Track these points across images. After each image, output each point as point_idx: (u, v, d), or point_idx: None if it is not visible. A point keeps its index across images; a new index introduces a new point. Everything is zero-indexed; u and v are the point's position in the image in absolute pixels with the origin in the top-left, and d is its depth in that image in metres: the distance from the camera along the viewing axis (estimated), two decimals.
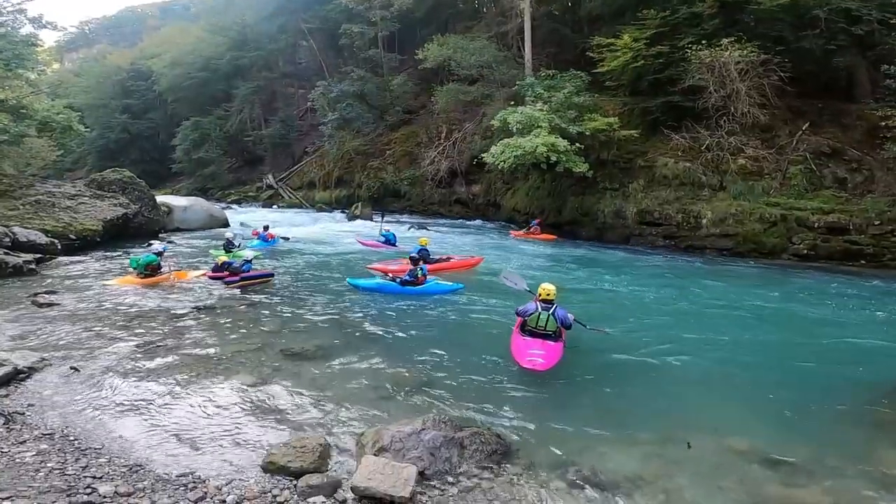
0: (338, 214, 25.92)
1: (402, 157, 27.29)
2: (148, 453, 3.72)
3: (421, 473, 3.53)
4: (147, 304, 7.89)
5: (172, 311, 7.54)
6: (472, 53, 22.96)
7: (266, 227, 15.07)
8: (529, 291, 6.55)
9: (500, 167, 17.24)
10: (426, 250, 10.74)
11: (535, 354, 5.44)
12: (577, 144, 15.98)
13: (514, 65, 23.15)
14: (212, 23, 41.39)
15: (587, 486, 3.55)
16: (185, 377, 5.16)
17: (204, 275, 9.89)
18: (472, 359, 5.85)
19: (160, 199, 18.50)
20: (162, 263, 9.63)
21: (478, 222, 22.24)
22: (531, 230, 17.13)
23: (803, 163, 14.04)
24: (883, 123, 12.88)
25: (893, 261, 12.16)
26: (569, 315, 5.85)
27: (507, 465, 3.77)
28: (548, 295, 5.84)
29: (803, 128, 14.56)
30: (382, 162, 27.89)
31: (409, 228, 19.71)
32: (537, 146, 15.52)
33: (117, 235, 14.11)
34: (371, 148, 28.91)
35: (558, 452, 3.95)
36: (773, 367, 6.01)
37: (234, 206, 31.22)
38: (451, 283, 8.68)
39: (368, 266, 10.64)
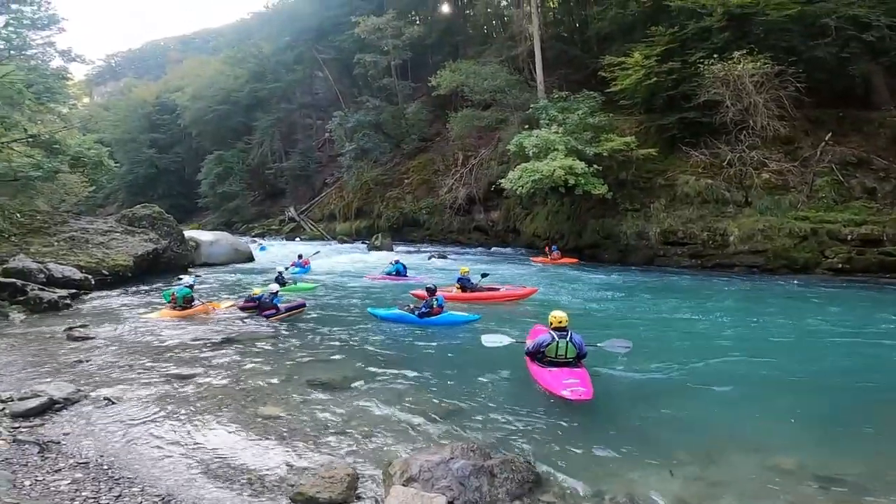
0: (359, 245, 26.63)
1: (419, 186, 28.03)
2: (180, 484, 3.86)
3: (450, 503, 3.54)
4: (180, 337, 8.31)
5: (204, 343, 7.91)
6: (484, 78, 23.72)
7: (300, 256, 17.43)
8: (517, 342, 6.62)
9: (517, 192, 17.62)
10: (467, 279, 10.95)
11: (573, 384, 5.40)
12: (595, 166, 16.25)
13: (526, 88, 23.80)
14: (230, 55, 42.82)
15: None
16: (216, 408, 5.36)
17: (233, 306, 10.48)
18: (494, 387, 5.96)
19: (187, 233, 19.10)
20: (194, 296, 10.33)
21: (498, 249, 22.52)
22: (552, 255, 17.36)
23: (829, 174, 13.97)
24: None
25: None
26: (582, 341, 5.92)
27: (540, 495, 3.72)
28: (560, 322, 5.85)
29: (826, 138, 14.53)
30: (401, 191, 28.68)
31: (430, 258, 20.19)
32: (554, 169, 15.84)
33: (147, 270, 14.73)
34: (389, 177, 29.79)
35: (591, 480, 3.90)
36: (815, 383, 5.97)
37: (258, 239, 32.31)
38: (467, 315, 8.92)
39: (412, 292, 11.02)
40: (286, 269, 14.72)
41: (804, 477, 3.84)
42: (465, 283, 10.96)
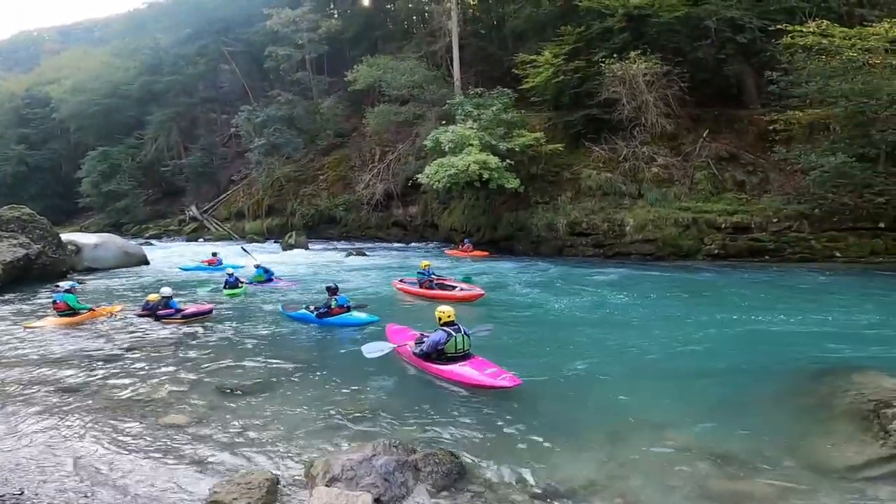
0: (270, 245, 26.24)
1: (335, 182, 28.25)
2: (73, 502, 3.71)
3: (377, 500, 3.63)
4: (67, 346, 7.99)
5: (96, 352, 7.67)
6: (402, 74, 24.59)
7: (215, 254, 17.75)
8: (397, 346, 6.76)
9: (434, 187, 18.62)
10: (424, 273, 11.17)
11: (498, 373, 5.79)
12: (508, 161, 17.59)
13: (444, 84, 25.01)
14: (120, 46, 41.14)
15: (546, 498, 3.80)
16: (111, 420, 5.22)
17: (124, 309, 10.34)
18: (408, 384, 6.30)
19: (66, 237, 18.20)
20: (80, 301, 10.01)
21: (416, 244, 23.39)
22: (464, 248, 18.52)
23: (707, 168, 16.41)
24: (771, 127, 15.42)
25: (793, 255, 14.37)
26: None
27: (465, 485, 3.91)
28: (449, 317, 6.20)
29: (703, 135, 17.01)
30: (316, 188, 28.70)
31: (348, 255, 20.52)
32: (469, 164, 16.95)
33: (19, 278, 13.93)
34: (303, 174, 29.67)
35: (514, 467, 4.19)
36: (704, 362, 6.73)
37: (154, 241, 30.64)
38: (365, 316, 8.98)
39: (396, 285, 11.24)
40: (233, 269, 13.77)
41: (699, 454, 4.33)
42: (420, 279, 11.25)
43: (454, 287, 10.98)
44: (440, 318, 6.32)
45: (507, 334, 8.28)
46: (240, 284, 12.62)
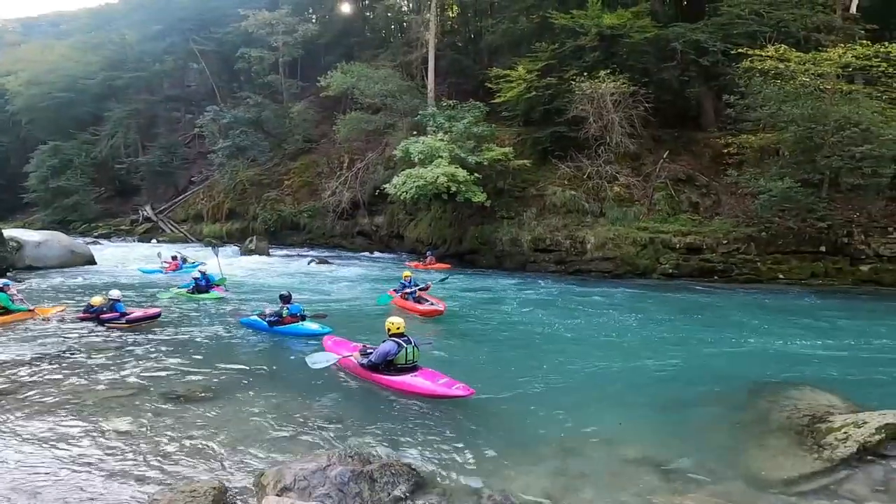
0: (229, 249, 25.48)
1: (301, 188, 27.80)
2: None
3: None
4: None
5: (29, 354, 7.35)
6: (376, 82, 24.52)
7: (174, 258, 17.22)
8: (341, 357, 6.69)
9: (402, 198, 18.52)
10: (402, 284, 10.99)
11: (451, 382, 5.83)
12: (476, 174, 17.70)
13: (417, 94, 25.10)
14: (83, 40, 40.16)
15: None
16: (42, 426, 4.99)
17: (64, 310, 9.87)
18: (360, 395, 6.22)
19: (8, 233, 17.63)
20: (14, 299, 9.47)
21: (380, 255, 23.17)
22: (427, 261, 18.47)
23: (665, 189, 17.00)
24: (725, 150, 16.14)
25: (740, 275, 15.00)
26: None
27: (421, 497, 3.89)
28: (398, 329, 6.23)
29: (664, 156, 17.62)
30: (280, 193, 28.14)
31: (310, 262, 20.15)
32: (438, 176, 16.97)
33: None
34: (267, 178, 29.08)
35: (469, 479, 4.23)
36: (652, 378, 6.98)
37: (103, 240, 29.36)
38: (318, 327, 8.79)
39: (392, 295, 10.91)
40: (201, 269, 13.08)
41: (647, 467, 4.49)
42: (399, 288, 11.05)
43: (427, 301, 10.78)
44: (389, 329, 6.30)
45: (461, 348, 8.30)
46: (213, 288, 12.10)
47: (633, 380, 6.98)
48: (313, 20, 35.41)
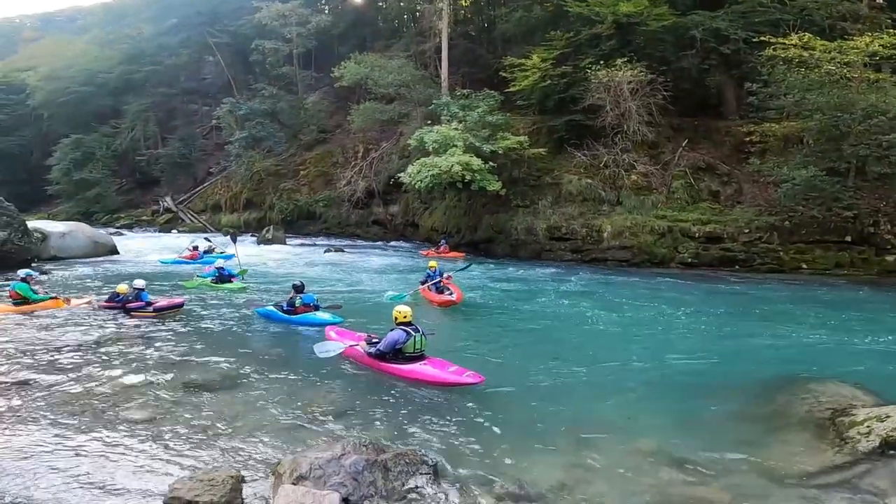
0: (247, 238, 25.84)
1: (316, 178, 27.97)
2: (38, 501, 3.66)
3: (345, 500, 3.61)
4: (21, 337, 7.76)
5: (54, 344, 7.46)
6: (389, 72, 24.40)
7: (195, 248, 17.54)
8: (347, 346, 6.65)
9: (416, 187, 18.51)
10: (429, 275, 10.74)
11: (461, 370, 5.84)
12: (491, 163, 17.59)
13: (430, 84, 24.96)
14: (100, 35, 40.70)
15: (515, 499, 3.87)
16: (67, 415, 5.11)
17: (89, 303, 10.03)
18: (375, 384, 6.20)
19: (33, 224, 17.97)
20: (38, 289, 9.75)
21: (396, 243, 23.26)
22: (440, 249, 18.49)
23: (684, 177, 16.69)
24: (747, 139, 15.74)
25: (762, 265, 14.70)
26: None
27: (435, 486, 3.93)
28: (405, 317, 6.19)
29: (683, 144, 17.29)
30: (296, 183, 28.39)
31: (326, 251, 20.37)
32: (452, 165, 16.92)
33: None
34: (284, 168, 29.33)
35: (483, 468, 4.26)
36: (669, 370, 6.88)
37: (125, 231, 29.99)
38: (329, 316, 8.77)
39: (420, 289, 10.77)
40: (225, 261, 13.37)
41: (661, 459, 4.45)
42: (424, 279, 10.93)
43: (448, 290, 10.67)
44: (396, 318, 6.28)
45: (473, 337, 8.31)
46: (233, 279, 12.18)
47: (648, 371, 6.90)
48: (326, 11, 35.39)
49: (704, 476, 4.23)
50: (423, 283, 11.07)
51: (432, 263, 11.38)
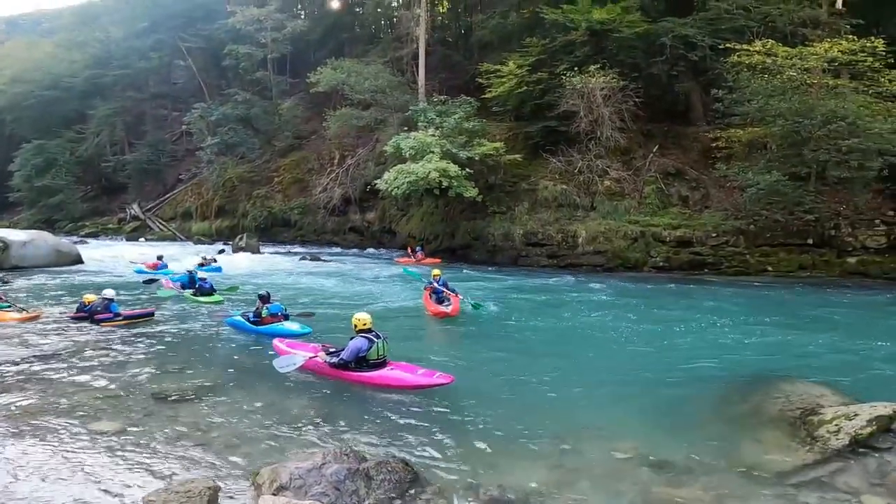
0: (218, 246, 25.19)
1: (291, 185, 27.58)
2: None
3: None
4: None
5: (17, 355, 7.18)
6: (366, 78, 24.33)
7: (160, 258, 16.78)
8: (308, 357, 6.45)
9: (393, 194, 18.39)
10: (433, 283, 10.40)
11: (431, 372, 5.85)
12: (467, 169, 17.62)
13: (407, 90, 24.94)
14: (67, 38, 39.62)
15: (499, 503, 3.88)
16: (37, 430, 4.88)
17: (38, 316, 9.53)
18: (352, 392, 6.10)
19: None
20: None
21: (372, 251, 23.07)
22: (416, 256, 18.37)
23: (655, 183, 17.06)
24: (714, 145, 16.17)
25: (729, 268, 15.10)
26: None
27: (418, 493, 3.89)
28: (365, 325, 6.11)
29: (654, 150, 17.67)
30: (270, 190, 27.92)
31: (301, 259, 19.98)
32: (429, 171, 16.88)
33: None
34: (257, 175, 28.83)
35: (466, 474, 4.22)
36: (646, 371, 6.92)
37: (90, 239, 28.97)
38: (298, 327, 8.54)
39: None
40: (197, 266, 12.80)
41: (641, 461, 4.46)
42: (431, 286, 10.52)
43: (448, 301, 10.34)
44: (356, 326, 6.14)
45: (450, 343, 8.29)
46: (214, 292, 11.70)
47: (624, 373, 6.97)
48: (302, 16, 35.12)
49: (683, 476, 4.27)
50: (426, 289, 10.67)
51: (436, 272, 10.98)
